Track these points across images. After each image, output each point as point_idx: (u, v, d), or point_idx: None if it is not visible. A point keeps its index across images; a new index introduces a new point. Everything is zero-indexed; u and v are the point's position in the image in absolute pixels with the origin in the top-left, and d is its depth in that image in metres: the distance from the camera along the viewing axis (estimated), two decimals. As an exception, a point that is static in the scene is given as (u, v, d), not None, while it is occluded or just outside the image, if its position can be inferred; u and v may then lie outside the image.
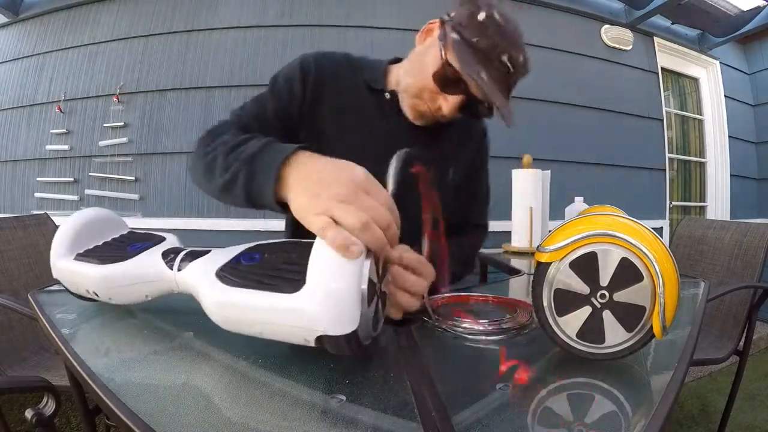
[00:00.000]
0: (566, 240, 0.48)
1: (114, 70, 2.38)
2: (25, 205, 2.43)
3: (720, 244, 1.58)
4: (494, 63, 0.67)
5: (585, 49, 2.68)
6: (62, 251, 0.61)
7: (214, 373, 0.46)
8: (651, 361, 0.52)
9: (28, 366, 1.19)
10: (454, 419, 0.36)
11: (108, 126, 2.32)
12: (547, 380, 0.45)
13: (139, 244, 0.59)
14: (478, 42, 0.66)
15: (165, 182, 2.28)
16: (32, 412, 0.67)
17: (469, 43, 0.67)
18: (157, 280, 0.55)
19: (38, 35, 2.56)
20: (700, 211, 3.37)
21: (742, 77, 3.47)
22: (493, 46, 0.66)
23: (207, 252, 0.52)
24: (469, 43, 0.67)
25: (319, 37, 2.33)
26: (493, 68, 0.67)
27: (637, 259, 0.46)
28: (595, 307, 0.47)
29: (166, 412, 0.36)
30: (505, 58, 0.67)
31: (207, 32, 2.35)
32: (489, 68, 0.67)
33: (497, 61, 0.67)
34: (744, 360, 1.41)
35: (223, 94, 2.29)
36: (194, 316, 0.65)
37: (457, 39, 0.68)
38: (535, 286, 0.50)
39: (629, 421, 0.37)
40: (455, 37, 0.68)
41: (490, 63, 0.67)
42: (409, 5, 2.38)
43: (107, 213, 0.66)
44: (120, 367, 0.47)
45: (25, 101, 2.50)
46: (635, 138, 2.78)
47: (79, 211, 0.64)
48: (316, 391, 0.41)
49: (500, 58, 0.67)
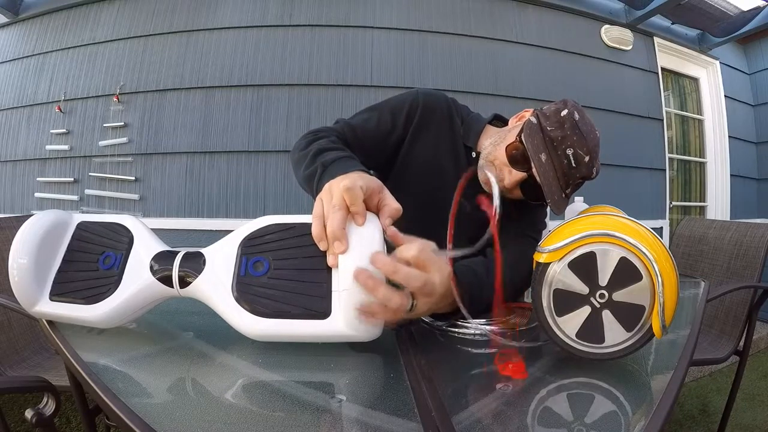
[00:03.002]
0: (565, 240, 0.48)
1: (114, 70, 2.37)
2: (25, 205, 2.43)
3: (720, 244, 1.58)
4: (558, 152, 0.73)
5: (585, 49, 2.67)
6: (30, 293, 0.52)
7: (214, 374, 0.46)
8: (651, 361, 0.52)
9: (28, 366, 1.19)
10: (454, 419, 0.36)
11: (108, 126, 2.32)
12: (547, 380, 0.45)
13: (111, 255, 0.54)
14: (552, 131, 0.74)
15: (165, 182, 2.28)
16: (32, 412, 0.66)
17: (543, 129, 0.75)
18: (159, 299, 0.54)
19: (38, 35, 2.56)
20: (700, 211, 3.36)
21: (742, 77, 3.46)
22: (562, 138, 0.73)
23: (196, 254, 0.52)
24: (543, 129, 0.75)
25: (319, 37, 2.33)
26: (557, 156, 0.73)
27: (636, 258, 0.46)
28: (594, 306, 0.47)
29: (166, 412, 0.36)
30: (570, 152, 0.73)
31: (207, 32, 2.34)
32: (552, 155, 0.73)
33: (562, 153, 0.73)
34: (744, 360, 1.41)
35: (223, 94, 2.29)
36: (194, 316, 0.65)
37: (534, 123, 0.76)
38: (535, 286, 0.50)
39: (629, 421, 0.37)
40: (533, 120, 0.77)
41: (555, 151, 0.73)
42: (409, 5, 2.38)
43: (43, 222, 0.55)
44: (120, 367, 0.47)
45: (25, 101, 2.49)
46: (635, 138, 2.77)
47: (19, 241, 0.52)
48: (317, 391, 0.41)
49: (565, 151, 0.73)
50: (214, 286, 0.49)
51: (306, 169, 0.67)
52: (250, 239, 0.51)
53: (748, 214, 3.33)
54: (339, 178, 0.51)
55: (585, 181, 0.77)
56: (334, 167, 0.61)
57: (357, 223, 0.47)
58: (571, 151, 0.72)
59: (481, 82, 2.43)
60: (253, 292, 0.47)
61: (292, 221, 0.51)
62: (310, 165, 0.66)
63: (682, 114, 3.29)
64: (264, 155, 2.23)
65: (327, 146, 0.70)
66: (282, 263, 0.49)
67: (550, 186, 0.73)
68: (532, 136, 0.74)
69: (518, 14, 2.56)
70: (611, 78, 2.73)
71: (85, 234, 0.57)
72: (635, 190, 2.77)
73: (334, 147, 0.70)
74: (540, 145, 0.74)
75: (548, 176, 0.73)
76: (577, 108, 0.76)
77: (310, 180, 0.65)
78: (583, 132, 0.73)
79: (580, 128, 0.73)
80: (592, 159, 0.74)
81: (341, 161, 0.63)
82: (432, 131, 0.88)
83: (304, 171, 0.67)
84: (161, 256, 0.53)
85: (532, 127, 0.76)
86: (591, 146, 0.73)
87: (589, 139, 0.74)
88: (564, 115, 0.74)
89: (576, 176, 0.74)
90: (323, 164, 0.63)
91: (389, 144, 0.87)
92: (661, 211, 2.86)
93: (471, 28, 2.44)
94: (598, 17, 2.73)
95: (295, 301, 0.47)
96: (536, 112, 0.80)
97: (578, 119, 0.73)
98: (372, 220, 0.48)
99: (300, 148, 0.73)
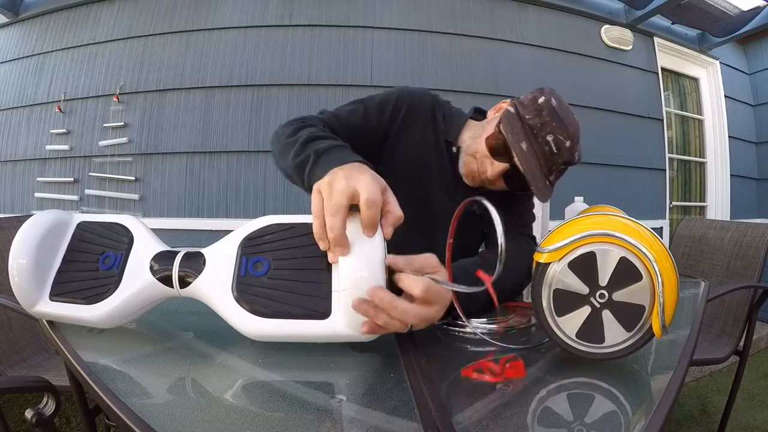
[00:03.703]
0: (565, 240, 0.48)
1: (114, 70, 2.37)
2: (25, 205, 2.43)
3: (720, 244, 1.58)
4: (539, 139, 0.73)
5: (585, 49, 2.67)
6: (30, 293, 0.52)
7: (214, 374, 0.46)
8: (651, 361, 0.52)
9: (28, 366, 1.19)
10: (454, 419, 0.36)
11: (108, 126, 2.32)
12: (547, 380, 0.45)
13: (111, 255, 0.54)
14: (530, 119, 0.73)
15: (165, 182, 2.28)
16: (32, 412, 0.67)
17: (521, 118, 0.74)
18: (159, 299, 0.54)
19: (38, 35, 2.56)
20: (700, 211, 3.36)
21: (742, 77, 3.46)
22: (541, 124, 0.72)
23: (196, 254, 0.52)
24: (522, 117, 0.74)
25: (319, 37, 2.33)
26: (537, 144, 0.73)
27: (636, 258, 0.46)
28: (594, 306, 0.47)
29: (166, 412, 0.36)
30: (550, 139, 0.72)
31: (207, 32, 2.34)
32: (533, 143, 0.73)
33: (542, 139, 0.73)
34: (744, 360, 1.41)
35: (223, 94, 2.29)
36: (194, 316, 0.65)
37: (512, 112, 0.76)
38: (535, 286, 0.50)
39: (629, 421, 0.37)
40: (512, 110, 0.76)
41: (535, 138, 0.73)
42: (409, 5, 2.38)
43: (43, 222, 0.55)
44: (120, 367, 0.47)
45: (25, 101, 2.49)
46: (635, 138, 2.77)
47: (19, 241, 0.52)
48: (317, 391, 0.41)
49: (545, 137, 0.72)
50: (214, 286, 0.49)
51: (296, 157, 0.62)
52: (250, 239, 0.51)
53: (748, 214, 3.33)
54: (341, 173, 0.49)
55: (568, 167, 0.77)
56: (328, 157, 0.58)
57: (366, 234, 0.46)
58: (551, 138, 0.72)
59: (481, 82, 2.43)
60: (253, 292, 0.47)
61: (292, 221, 0.52)
62: (300, 152, 0.62)
63: (682, 114, 3.29)
64: (264, 155, 2.23)
65: (318, 134, 0.66)
66: (282, 263, 0.49)
67: (533, 174, 0.73)
68: (511, 125, 0.74)
69: (518, 14, 2.56)
70: (611, 78, 2.73)
71: (85, 234, 0.57)
72: (635, 190, 2.77)
73: (326, 135, 0.67)
74: (520, 133, 0.73)
75: (530, 164, 0.73)
76: (554, 94, 0.75)
77: (300, 168, 0.61)
78: (562, 117, 0.73)
79: (558, 114, 0.73)
80: (573, 144, 0.74)
81: (335, 150, 0.59)
82: (416, 129, 0.87)
83: (293, 159, 0.63)
84: (161, 256, 0.53)
85: (511, 117, 0.75)
86: (571, 131, 0.73)
87: (569, 123, 0.73)
88: (541, 103, 0.74)
89: (558, 162, 0.74)
90: (316, 152, 0.59)
91: (373, 139, 0.86)
92: (661, 211, 2.86)
93: (471, 28, 2.44)
94: (598, 17, 2.73)
95: (295, 301, 0.47)
96: (513, 101, 0.80)
97: (556, 105, 0.73)
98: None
99: (286, 134, 0.70)
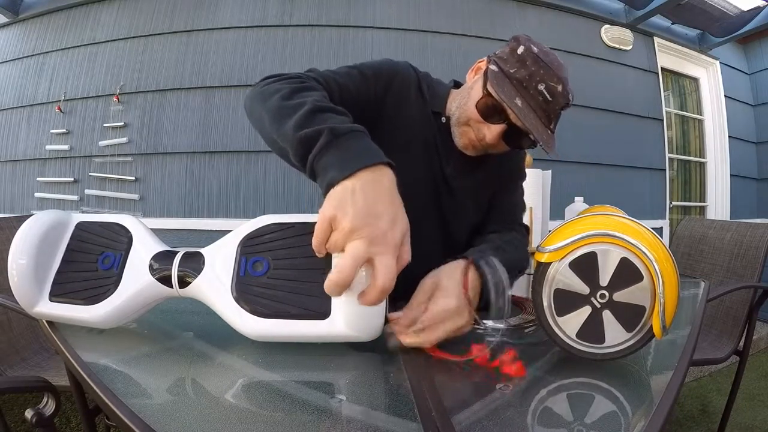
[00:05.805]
0: (566, 240, 0.48)
1: (114, 70, 2.37)
2: (25, 205, 2.43)
3: (720, 244, 1.58)
4: (531, 92, 0.71)
5: (585, 49, 2.67)
6: (29, 294, 0.52)
7: (214, 374, 0.46)
8: (651, 361, 0.52)
9: (28, 366, 1.19)
10: (454, 419, 0.36)
11: (108, 126, 2.32)
12: (547, 380, 0.45)
13: (110, 255, 0.54)
14: (516, 72, 0.71)
15: (165, 182, 2.28)
16: (32, 412, 0.66)
17: (507, 74, 0.72)
18: (159, 299, 0.54)
19: (38, 35, 2.56)
20: (700, 211, 3.37)
21: (742, 77, 3.47)
22: (529, 76, 0.70)
23: (195, 254, 0.52)
24: (507, 74, 0.72)
25: (319, 37, 2.33)
26: (530, 97, 0.71)
27: (636, 259, 0.46)
28: (595, 307, 0.47)
29: (166, 412, 0.36)
30: (542, 87, 0.70)
31: (207, 32, 2.34)
32: (526, 96, 0.71)
33: (534, 90, 0.71)
34: (744, 360, 1.41)
35: (223, 94, 2.29)
36: (194, 316, 0.65)
37: (496, 70, 0.73)
38: (535, 286, 0.50)
39: (629, 421, 0.37)
40: (495, 69, 0.74)
41: (527, 92, 0.71)
42: (409, 5, 2.38)
43: (42, 222, 0.54)
44: (120, 367, 0.47)
45: (25, 101, 2.49)
46: (635, 138, 2.78)
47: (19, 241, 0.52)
48: (317, 391, 0.41)
49: (537, 87, 0.70)
50: (214, 286, 0.49)
51: (298, 129, 0.50)
52: (249, 239, 0.51)
53: (748, 214, 3.33)
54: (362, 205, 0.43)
55: (564, 110, 0.75)
56: (347, 144, 0.48)
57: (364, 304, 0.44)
58: (543, 86, 0.70)
59: (481, 82, 2.43)
60: (253, 292, 0.47)
61: (291, 220, 0.51)
62: (306, 124, 0.51)
63: (682, 114, 3.29)
64: (264, 155, 2.23)
65: (325, 105, 0.55)
66: (281, 263, 0.49)
67: (536, 128, 0.70)
68: (499, 84, 0.71)
69: (518, 14, 2.56)
70: (611, 78, 2.73)
71: (84, 234, 0.57)
72: (635, 190, 2.77)
73: (335, 108, 0.55)
74: (511, 90, 0.71)
75: (530, 118, 0.70)
76: (531, 40, 0.73)
77: (304, 145, 0.49)
78: (547, 62, 0.71)
79: (543, 60, 0.71)
80: (564, 86, 0.72)
81: (355, 137, 0.49)
82: (410, 103, 0.84)
83: (294, 130, 0.51)
84: (160, 256, 0.53)
85: (497, 75, 0.72)
86: (559, 74, 0.71)
87: (555, 67, 0.71)
88: (522, 53, 0.71)
89: (555, 109, 0.72)
90: (332, 132, 0.48)
91: (368, 110, 0.79)
92: (661, 211, 2.86)
93: (471, 28, 2.44)
94: (598, 17, 2.73)
95: (294, 301, 0.47)
96: (491, 58, 0.76)
97: (537, 51, 0.71)
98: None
99: (282, 94, 0.58)
